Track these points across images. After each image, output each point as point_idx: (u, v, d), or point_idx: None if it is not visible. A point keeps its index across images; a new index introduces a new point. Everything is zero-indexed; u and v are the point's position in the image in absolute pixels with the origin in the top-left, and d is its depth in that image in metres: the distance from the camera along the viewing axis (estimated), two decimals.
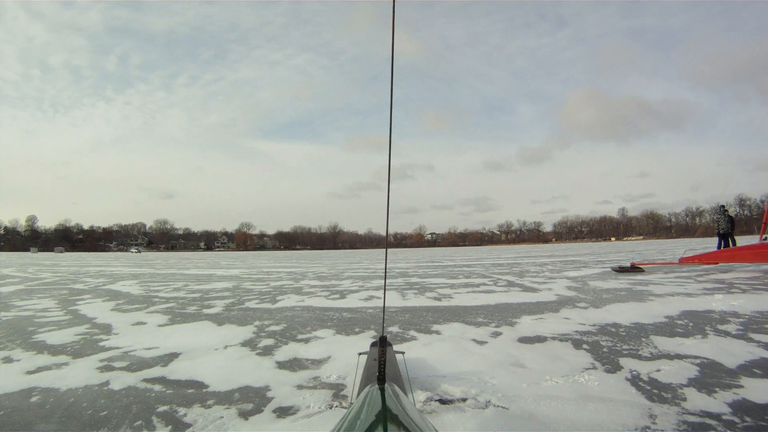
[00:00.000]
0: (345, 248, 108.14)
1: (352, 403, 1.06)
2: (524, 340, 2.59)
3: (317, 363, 2.21)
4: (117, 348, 2.64)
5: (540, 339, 2.60)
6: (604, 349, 2.31)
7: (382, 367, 1.11)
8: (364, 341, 2.64)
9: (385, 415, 0.77)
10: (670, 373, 1.88)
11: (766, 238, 7.09)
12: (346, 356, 2.28)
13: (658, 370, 1.91)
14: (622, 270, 7.55)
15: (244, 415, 1.56)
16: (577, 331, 2.77)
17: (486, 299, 4.49)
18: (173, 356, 2.40)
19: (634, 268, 7.50)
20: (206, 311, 4.10)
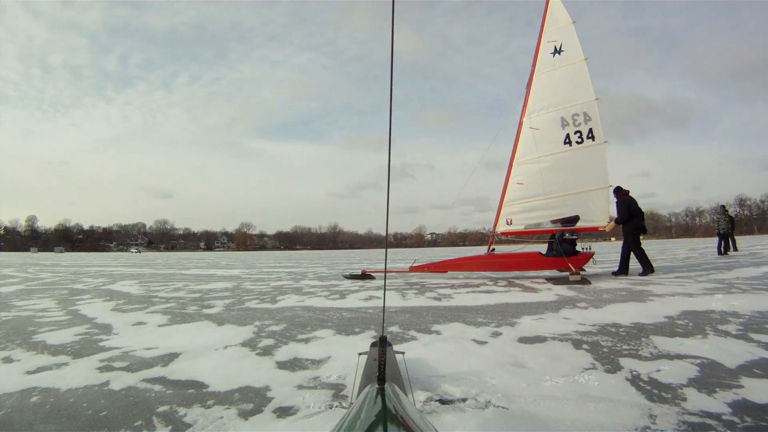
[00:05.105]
0: (345, 248, 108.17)
1: (352, 403, 1.06)
2: (524, 340, 2.59)
3: (317, 363, 2.21)
4: (117, 348, 2.64)
5: (540, 339, 2.60)
6: (604, 349, 2.31)
7: (382, 367, 1.11)
8: (364, 341, 2.64)
9: (385, 415, 0.77)
10: (670, 373, 1.88)
11: (493, 250, 7.43)
12: (346, 356, 2.28)
13: (658, 370, 1.91)
14: (352, 277, 7.52)
15: (244, 415, 1.56)
16: (577, 331, 2.77)
17: (486, 299, 4.49)
18: (173, 356, 2.40)
19: (365, 275, 7.47)
20: (206, 311, 4.10)
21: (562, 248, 6.52)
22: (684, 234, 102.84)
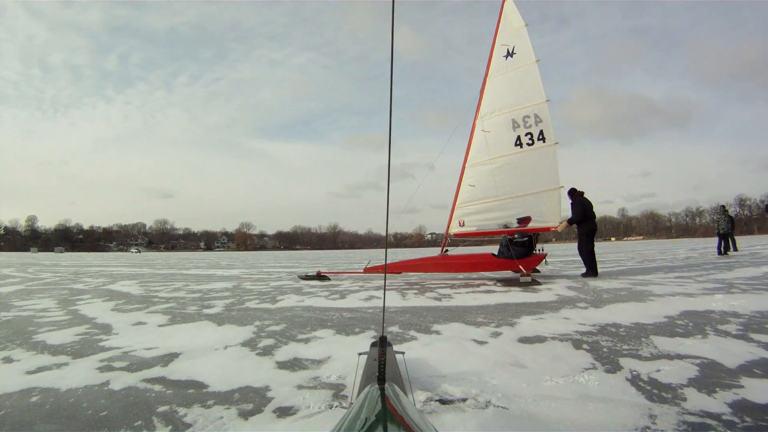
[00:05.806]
0: (345, 248, 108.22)
1: (352, 403, 1.06)
2: (524, 340, 2.59)
3: (317, 363, 2.21)
4: (117, 348, 2.64)
5: (540, 339, 2.60)
6: (604, 349, 2.31)
7: (382, 367, 1.11)
8: (364, 341, 2.64)
9: (385, 415, 0.77)
10: (670, 373, 1.87)
11: (446, 251, 7.53)
12: (346, 356, 2.28)
13: (658, 370, 1.91)
14: (308, 278, 7.57)
15: (244, 415, 1.56)
16: (577, 331, 2.77)
17: (486, 299, 4.49)
18: (173, 356, 2.40)
19: (320, 276, 7.53)
20: (206, 311, 4.10)
21: (513, 250, 6.57)
22: (684, 234, 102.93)
